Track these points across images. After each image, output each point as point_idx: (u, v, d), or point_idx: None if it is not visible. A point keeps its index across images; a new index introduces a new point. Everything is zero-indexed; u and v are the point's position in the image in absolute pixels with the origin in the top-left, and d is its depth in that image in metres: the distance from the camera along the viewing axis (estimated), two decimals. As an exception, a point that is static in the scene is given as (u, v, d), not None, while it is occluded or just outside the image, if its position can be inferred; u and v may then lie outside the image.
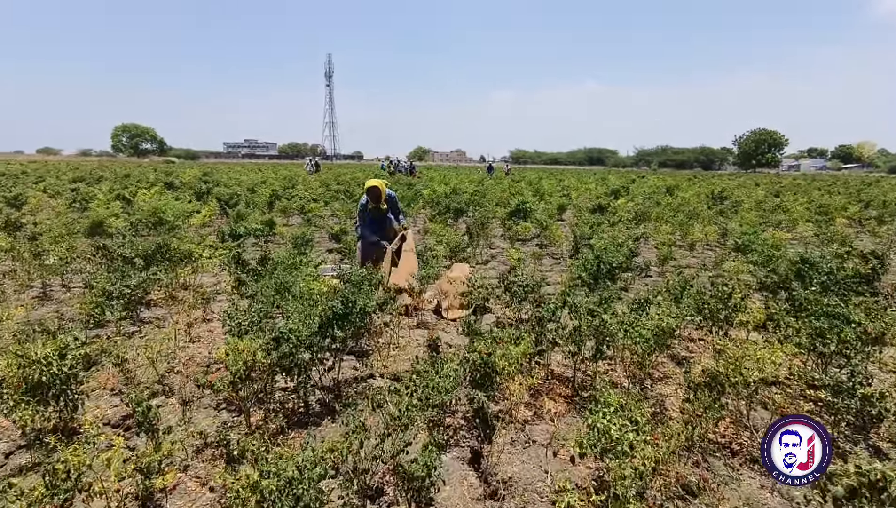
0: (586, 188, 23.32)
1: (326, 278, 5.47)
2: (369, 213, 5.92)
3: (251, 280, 4.98)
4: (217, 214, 11.67)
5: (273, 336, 2.98)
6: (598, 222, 9.92)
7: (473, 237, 8.51)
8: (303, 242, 7.88)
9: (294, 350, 2.96)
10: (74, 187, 16.14)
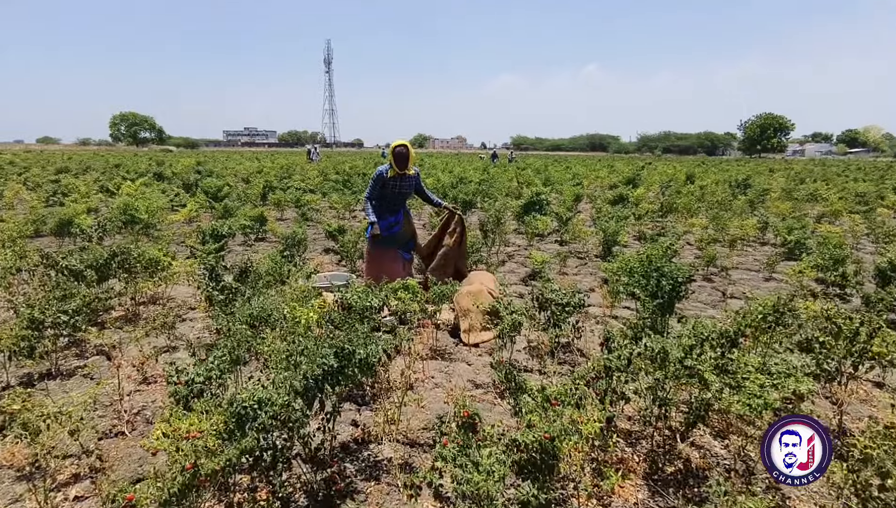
0: (596, 176, 22.27)
1: (323, 292, 4.53)
2: (390, 186, 4.93)
3: (226, 300, 4.01)
4: (206, 207, 10.69)
5: (235, 411, 2.02)
6: (622, 215, 8.93)
7: (488, 235, 7.54)
8: (294, 242, 6.90)
9: (265, 435, 2.00)
10: (56, 179, 15.14)
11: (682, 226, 9.79)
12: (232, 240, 8.69)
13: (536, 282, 6.36)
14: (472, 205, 10.98)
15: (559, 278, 6.58)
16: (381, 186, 4.96)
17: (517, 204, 10.10)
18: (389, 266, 5.07)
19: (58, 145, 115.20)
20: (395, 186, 4.94)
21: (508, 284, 6.27)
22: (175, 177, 16.50)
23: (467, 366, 3.90)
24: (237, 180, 18.10)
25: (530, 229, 7.96)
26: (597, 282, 6.45)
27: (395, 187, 4.94)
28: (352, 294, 3.38)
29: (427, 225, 10.46)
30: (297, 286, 4.48)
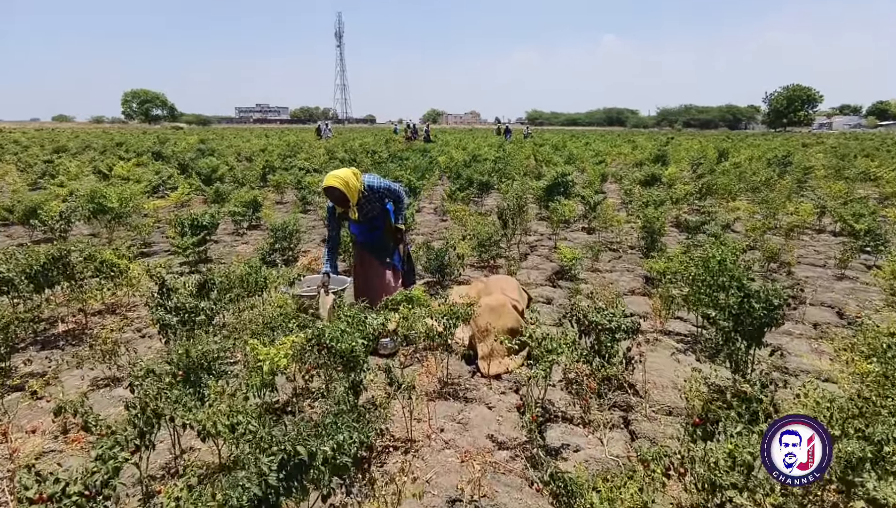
0: (619, 153, 21.01)
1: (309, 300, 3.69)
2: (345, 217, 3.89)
3: (183, 322, 3.14)
4: (199, 190, 9.84)
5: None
6: (657, 198, 7.88)
7: (508, 225, 6.58)
8: (285, 234, 6.02)
9: None
10: (49, 160, 14.40)
11: (723, 210, 8.72)
12: (221, 229, 7.85)
13: (567, 283, 5.42)
14: (488, 187, 9.98)
15: (592, 277, 5.63)
16: (335, 221, 3.91)
17: (538, 186, 9.09)
18: (378, 282, 4.14)
19: (71, 124, 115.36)
20: (350, 219, 3.93)
21: (533, 284, 5.34)
22: (175, 156, 15.67)
23: (487, 410, 3.00)
24: (240, 159, 17.24)
25: (556, 216, 6.99)
26: (637, 282, 5.49)
27: (350, 220, 3.93)
28: (329, 333, 2.47)
29: (439, 210, 9.51)
30: (276, 300, 3.61)
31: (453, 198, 9.46)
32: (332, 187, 3.53)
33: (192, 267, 5.72)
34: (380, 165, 14.51)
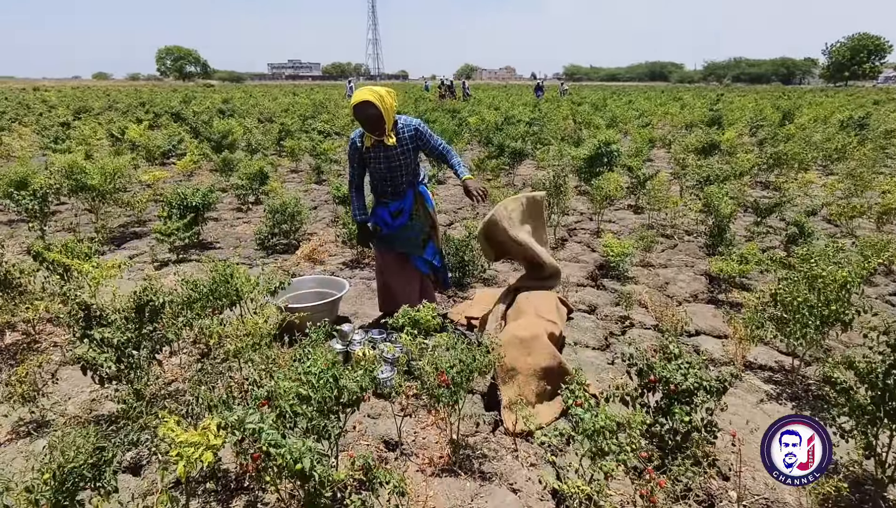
0: (665, 113, 19.32)
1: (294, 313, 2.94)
2: (371, 160, 3.19)
3: (118, 361, 2.41)
4: (208, 158, 9.14)
5: None
6: (721, 174, 6.72)
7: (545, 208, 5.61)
8: (285, 217, 5.24)
9: None
10: (65, 122, 13.95)
11: (795, 185, 7.49)
12: (225, 204, 7.14)
13: (613, 283, 4.50)
14: (521, 154, 8.93)
15: (643, 275, 4.69)
16: (358, 161, 3.24)
17: (578, 154, 8.01)
18: (401, 289, 3.38)
19: (108, 81, 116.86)
20: (378, 159, 3.16)
21: (572, 285, 4.44)
22: (192, 118, 15.02)
23: (512, 495, 2.20)
24: (262, 120, 16.48)
25: (599, 195, 5.98)
26: (699, 283, 4.52)
27: (378, 161, 3.16)
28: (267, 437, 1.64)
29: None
30: (249, 326, 2.85)
31: (482, 168, 8.49)
32: (366, 103, 2.90)
33: (180, 255, 5.03)
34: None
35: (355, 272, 4.73)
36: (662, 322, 3.74)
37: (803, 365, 3.18)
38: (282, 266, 4.86)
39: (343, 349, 3.07)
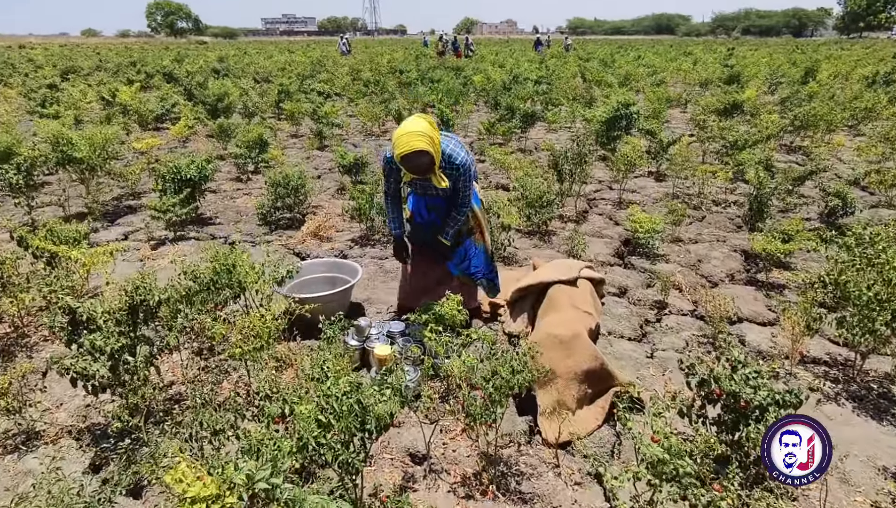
0: (678, 69, 18.54)
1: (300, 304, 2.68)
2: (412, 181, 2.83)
3: (104, 381, 2.14)
4: (203, 123, 8.68)
5: None
6: (747, 138, 6.31)
7: (565, 178, 5.25)
8: (288, 191, 4.90)
9: None
10: (53, 84, 13.33)
11: (824, 149, 7.08)
12: (224, 173, 6.77)
13: (642, 262, 4.20)
14: (533, 118, 8.47)
15: (673, 252, 4.39)
16: (395, 177, 2.84)
17: (595, 116, 7.56)
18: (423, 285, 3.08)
19: (97, 39, 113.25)
20: (416, 184, 2.84)
21: (598, 264, 4.15)
22: (186, 79, 14.36)
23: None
24: (259, 80, 15.81)
25: (621, 163, 5.60)
26: (734, 261, 4.23)
27: (416, 186, 2.86)
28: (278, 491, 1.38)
29: (475, 146, 8.13)
30: (254, 323, 2.56)
31: (491, 131, 8.06)
32: (420, 152, 2.46)
33: (177, 232, 4.71)
34: (407, 86, 12.94)
35: (365, 251, 4.43)
36: (701, 307, 3.46)
37: (859, 357, 2.92)
38: (286, 244, 4.55)
39: (359, 346, 2.81)
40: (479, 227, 3.05)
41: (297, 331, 2.92)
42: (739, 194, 5.83)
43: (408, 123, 2.53)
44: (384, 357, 2.60)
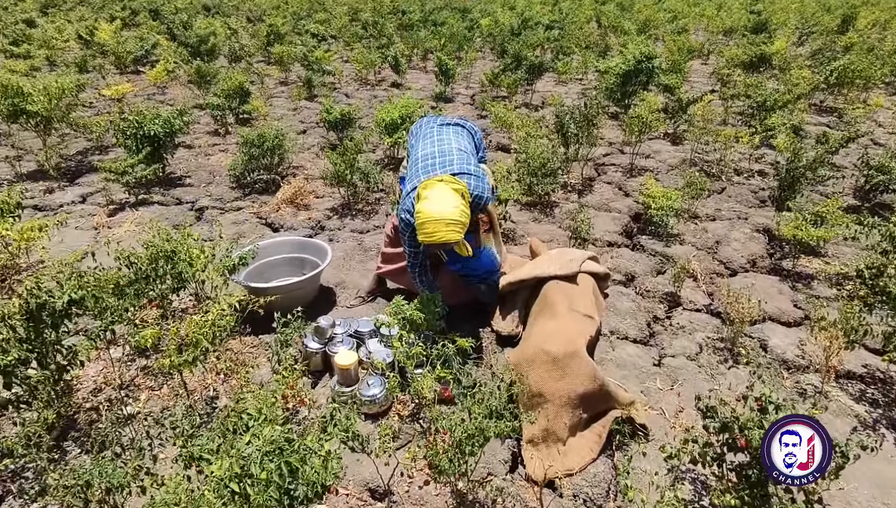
0: (701, 15, 17.29)
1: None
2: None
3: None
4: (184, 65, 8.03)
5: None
6: (777, 98, 5.67)
7: (570, 141, 4.71)
8: (263, 151, 4.42)
9: None
10: (29, 20, 12.49)
11: (861, 111, 6.44)
12: (202, 125, 6.24)
13: (653, 242, 3.75)
14: (541, 69, 7.76)
15: (689, 231, 3.92)
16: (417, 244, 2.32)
17: (610, 68, 6.88)
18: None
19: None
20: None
21: (603, 244, 3.70)
22: (177, 15, 13.44)
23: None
24: (252, 19, 14.84)
25: (635, 125, 5.03)
26: (757, 243, 3.77)
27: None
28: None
29: (477, 99, 7.48)
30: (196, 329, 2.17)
31: (495, 83, 7.41)
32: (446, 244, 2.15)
33: (140, 195, 4.27)
34: (408, 29, 12.05)
35: (345, 222, 3.99)
36: (717, 302, 3.05)
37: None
38: (259, 212, 4.11)
39: (320, 349, 2.42)
40: (490, 223, 2.61)
41: (252, 325, 2.54)
42: (765, 162, 5.28)
43: (436, 200, 2.08)
44: (346, 367, 2.23)
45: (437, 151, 2.36)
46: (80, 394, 2.30)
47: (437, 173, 2.24)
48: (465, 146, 2.43)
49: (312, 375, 2.44)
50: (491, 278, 2.66)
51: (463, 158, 2.31)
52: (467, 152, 2.40)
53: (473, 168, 2.29)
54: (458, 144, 2.41)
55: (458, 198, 2.11)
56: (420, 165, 2.34)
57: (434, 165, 2.30)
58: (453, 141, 2.43)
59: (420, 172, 2.31)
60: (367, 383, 2.20)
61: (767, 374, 1.94)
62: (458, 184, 2.17)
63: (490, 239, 2.66)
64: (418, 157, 2.39)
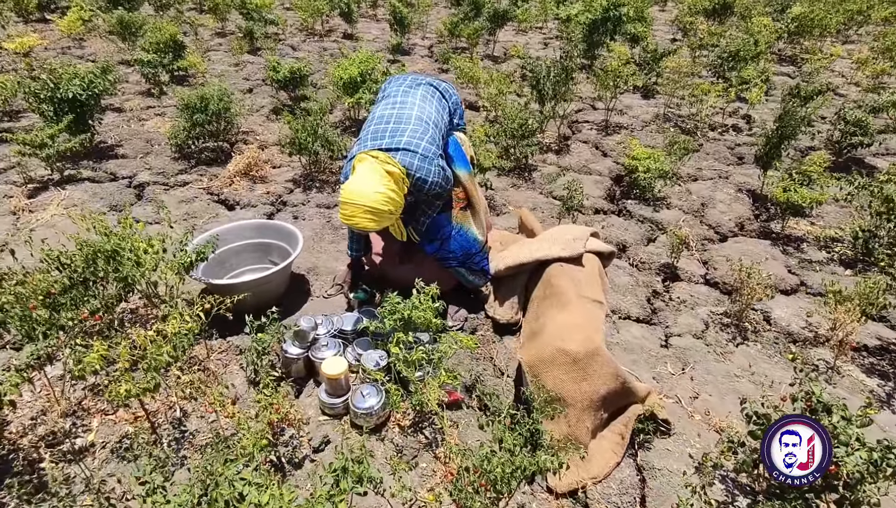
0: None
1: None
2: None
3: None
4: (101, 14, 7.06)
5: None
6: (748, 49, 5.53)
7: (547, 98, 4.41)
8: (208, 117, 3.90)
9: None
10: None
11: (819, 60, 6.43)
12: (131, 84, 5.52)
13: (640, 208, 3.59)
14: (504, 18, 7.30)
15: (673, 193, 3.78)
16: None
17: (571, 15, 6.53)
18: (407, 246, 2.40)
19: None
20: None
21: (588, 210, 3.51)
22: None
23: None
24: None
25: (608, 79, 4.78)
26: (742, 204, 3.68)
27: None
28: None
29: (435, 51, 7.01)
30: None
31: (455, 33, 6.94)
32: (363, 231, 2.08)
33: (65, 171, 3.69)
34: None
35: (309, 196, 3.60)
36: (712, 271, 2.94)
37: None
38: (209, 188, 3.65)
39: (302, 354, 2.12)
40: (468, 200, 2.32)
41: (218, 327, 2.20)
42: (738, 117, 5.19)
43: (359, 181, 1.91)
44: (337, 377, 1.95)
45: (394, 117, 2.07)
46: (14, 427, 1.92)
47: (382, 144, 1.97)
48: (429, 114, 2.11)
49: (295, 382, 2.15)
50: (470, 261, 2.38)
51: (418, 131, 2.01)
52: (429, 123, 2.07)
53: (426, 144, 1.98)
54: (421, 112, 2.09)
55: (385, 182, 1.90)
56: (370, 130, 2.06)
57: (384, 134, 2.02)
58: (417, 107, 2.11)
59: (368, 137, 2.04)
60: (360, 393, 1.94)
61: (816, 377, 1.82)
62: (393, 164, 1.92)
63: (468, 218, 2.38)
64: (373, 118, 2.12)
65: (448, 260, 2.33)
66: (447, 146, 2.29)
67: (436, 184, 2.04)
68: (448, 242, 2.27)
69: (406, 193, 2.00)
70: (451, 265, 2.35)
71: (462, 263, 2.35)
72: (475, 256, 2.39)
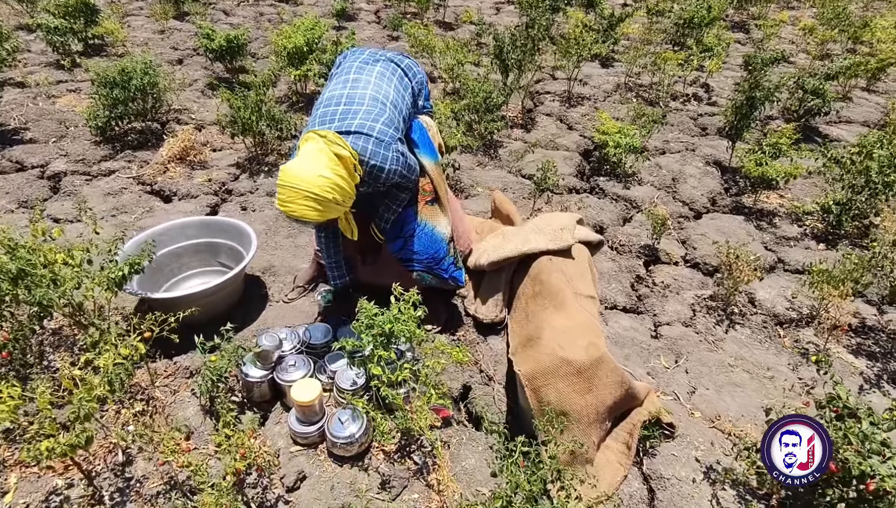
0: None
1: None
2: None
3: None
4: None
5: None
6: (704, 15, 5.45)
7: (511, 69, 4.13)
8: (131, 93, 3.41)
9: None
10: None
11: (770, 28, 6.47)
12: (35, 55, 4.82)
13: (612, 185, 3.45)
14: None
15: (643, 168, 3.66)
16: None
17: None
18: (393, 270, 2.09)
19: None
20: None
21: (564, 191, 3.33)
22: None
23: None
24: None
25: (571, 47, 4.56)
26: (712, 178, 3.61)
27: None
28: None
29: (384, 19, 6.56)
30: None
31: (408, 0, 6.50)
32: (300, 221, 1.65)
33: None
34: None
35: (257, 183, 3.23)
36: (691, 250, 2.85)
37: (881, 316, 2.49)
38: (139, 176, 3.21)
39: (266, 376, 1.85)
40: (435, 194, 2.05)
41: (162, 346, 1.89)
42: (697, 85, 5.13)
43: (301, 162, 1.60)
44: (309, 405, 1.70)
45: (345, 97, 1.76)
46: None
47: (332, 127, 1.68)
48: (387, 94, 1.80)
49: (259, 408, 1.88)
50: (438, 267, 2.09)
51: (373, 112, 1.71)
52: (386, 103, 1.77)
53: (382, 126, 1.70)
54: (377, 91, 1.78)
55: (332, 166, 1.59)
56: (319, 112, 1.76)
57: (334, 115, 1.71)
58: (372, 85, 1.80)
59: (317, 118, 1.74)
60: (338, 419, 1.70)
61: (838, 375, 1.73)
62: (344, 146, 1.62)
63: (436, 214, 2.07)
64: (323, 98, 1.80)
65: (411, 263, 2.04)
66: (411, 131, 2.01)
67: (394, 172, 1.75)
68: (412, 240, 2.01)
69: (359, 182, 1.71)
70: (414, 269, 2.07)
71: (428, 268, 2.07)
72: (442, 261, 2.09)
